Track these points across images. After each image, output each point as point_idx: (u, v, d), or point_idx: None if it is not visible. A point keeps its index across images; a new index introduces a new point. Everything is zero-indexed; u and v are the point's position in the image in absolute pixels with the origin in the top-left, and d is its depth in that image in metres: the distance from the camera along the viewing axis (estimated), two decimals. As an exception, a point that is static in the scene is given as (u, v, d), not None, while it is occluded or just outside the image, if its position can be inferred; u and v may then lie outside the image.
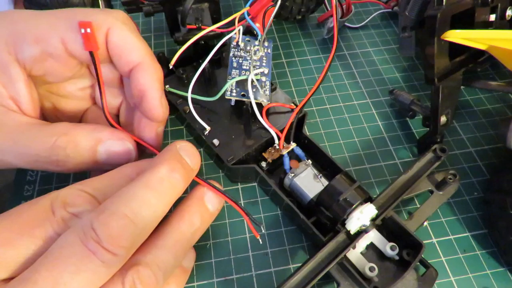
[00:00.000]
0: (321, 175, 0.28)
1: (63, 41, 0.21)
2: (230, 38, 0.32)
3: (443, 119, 0.29)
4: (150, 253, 0.18)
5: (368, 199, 0.26)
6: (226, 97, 0.29)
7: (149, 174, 0.19)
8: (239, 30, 0.31)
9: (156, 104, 0.22)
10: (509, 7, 0.29)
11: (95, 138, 0.21)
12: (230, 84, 0.29)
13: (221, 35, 0.33)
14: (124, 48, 0.22)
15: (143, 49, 0.22)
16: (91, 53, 0.21)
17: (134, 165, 0.21)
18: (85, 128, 0.22)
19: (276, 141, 0.30)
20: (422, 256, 0.24)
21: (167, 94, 0.33)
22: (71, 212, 0.18)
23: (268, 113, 0.31)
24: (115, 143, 0.22)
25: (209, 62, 0.31)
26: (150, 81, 0.22)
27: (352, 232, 0.24)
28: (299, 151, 0.29)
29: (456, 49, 0.28)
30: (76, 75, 0.24)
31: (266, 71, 0.31)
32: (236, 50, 0.31)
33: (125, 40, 0.22)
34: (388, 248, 0.25)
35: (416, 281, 0.24)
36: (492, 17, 0.29)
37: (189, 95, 0.30)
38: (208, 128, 0.31)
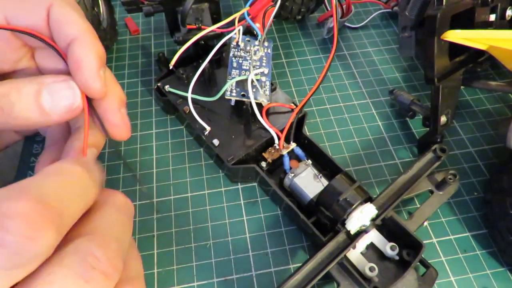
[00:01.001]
0: (321, 175, 0.28)
1: (6, 18, 0.21)
2: (230, 38, 0.32)
3: (443, 119, 0.29)
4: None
5: (368, 199, 0.26)
6: (226, 97, 0.29)
7: (114, 197, 0.19)
8: (239, 30, 0.31)
9: (92, 75, 0.21)
10: (509, 7, 0.29)
11: (39, 82, 0.20)
12: (230, 84, 0.29)
13: (221, 35, 0.33)
14: (63, 23, 0.21)
15: (82, 24, 0.21)
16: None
17: (73, 159, 0.20)
18: (28, 77, 0.21)
19: (276, 141, 0.30)
20: (422, 256, 0.24)
21: (168, 94, 0.33)
22: (10, 230, 0.13)
23: (268, 113, 0.31)
24: (58, 84, 0.21)
25: (209, 62, 0.31)
26: (86, 53, 0.21)
27: (352, 232, 0.24)
28: (299, 151, 0.29)
29: (456, 49, 0.28)
30: (22, 61, 0.23)
31: (266, 71, 0.31)
32: (236, 50, 0.31)
33: (64, 15, 0.21)
34: (388, 248, 0.25)
35: (416, 281, 0.24)
36: (492, 17, 0.29)
37: (189, 95, 0.30)
38: (208, 128, 0.31)
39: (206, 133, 0.31)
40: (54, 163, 0.18)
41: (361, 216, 0.24)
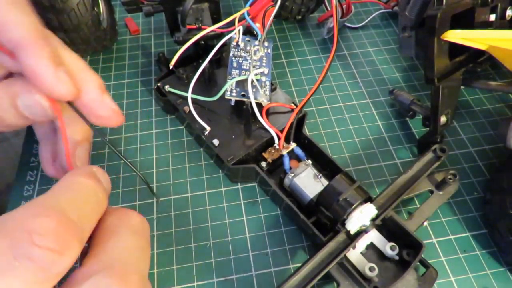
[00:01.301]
0: (321, 175, 0.28)
1: None
2: (230, 38, 0.32)
3: (443, 119, 0.29)
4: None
5: (368, 199, 0.26)
6: (226, 97, 0.29)
7: (130, 219, 0.18)
8: (239, 30, 0.31)
9: (52, 82, 0.19)
10: (509, 7, 0.29)
11: (12, 93, 0.20)
12: (230, 84, 0.29)
13: (221, 35, 0.33)
14: (4, 24, 0.19)
15: (26, 25, 0.19)
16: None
17: (84, 171, 0.19)
18: (2, 84, 0.20)
19: (276, 141, 0.30)
20: (422, 256, 0.24)
21: (168, 94, 0.33)
22: (40, 245, 0.13)
23: (268, 113, 0.31)
24: (27, 96, 0.20)
25: (209, 62, 0.31)
26: (38, 61, 0.19)
27: (352, 232, 0.24)
28: (299, 151, 0.29)
29: (456, 49, 0.28)
30: None
31: (266, 71, 0.31)
32: (236, 50, 0.31)
33: (5, 15, 0.19)
34: (388, 248, 0.25)
35: (416, 281, 0.24)
36: (492, 17, 0.29)
37: (189, 95, 0.30)
38: (208, 128, 0.31)
39: (206, 133, 0.31)
40: (65, 177, 0.18)
41: (361, 216, 0.24)
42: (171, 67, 0.33)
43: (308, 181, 0.28)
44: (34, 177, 0.31)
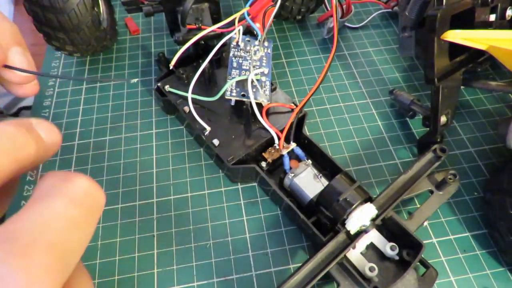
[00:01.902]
0: (321, 175, 0.28)
1: None
2: (230, 38, 0.32)
3: (443, 119, 0.29)
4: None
5: (368, 199, 0.26)
6: (226, 97, 0.29)
7: (71, 183, 0.13)
8: (239, 30, 0.31)
9: None
10: (509, 7, 0.29)
11: None
12: (230, 84, 0.29)
13: (221, 35, 0.33)
14: None
15: None
16: None
17: (11, 121, 0.14)
18: None
19: (276, 141, 0.30)
20: (422, 256, 0.24)
21: (168, 94, 0.33)
22: None
23: (268, 113, 0.31)
24: None
25: (209, 62, 0.31)
26: None
27: (352, 232, 0.24)
28: (299, 151, 0.29)
29: (456, 49, 0.28)
30: None
31: (266, 71, 0.31)
32: (236, 50, 0.31)
33: None
34: (388, 248, 0.25)
35: (416, 281, 0.24)
36: (492, 17, 0.29)
37: (189, 95, 0.30)
38: (208, 128, 0.31)
39: (206, 133, 0.31)
40: None
41: (361, 216, 0.24)
42: (171, 67, 0.33)
43: (308, 181, 0.28)
44: (34, 177, 0.31)
